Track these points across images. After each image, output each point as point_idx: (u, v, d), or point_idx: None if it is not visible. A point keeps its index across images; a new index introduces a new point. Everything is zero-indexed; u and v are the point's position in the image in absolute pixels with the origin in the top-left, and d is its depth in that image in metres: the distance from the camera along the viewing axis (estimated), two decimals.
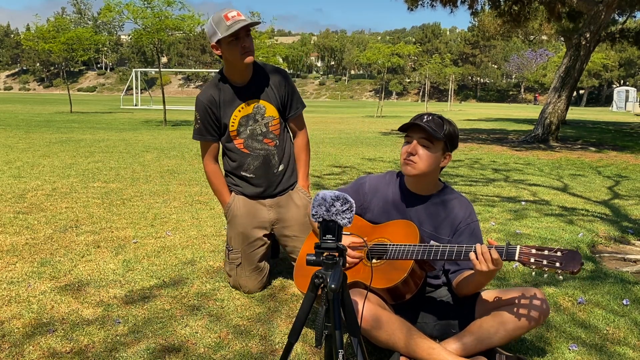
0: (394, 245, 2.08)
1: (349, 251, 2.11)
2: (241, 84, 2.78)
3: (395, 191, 2.28)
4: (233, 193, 2.95)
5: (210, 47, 2.81)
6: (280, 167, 2.90)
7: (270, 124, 2.84)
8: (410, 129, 2.14)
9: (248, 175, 2.87)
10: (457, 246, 1.99)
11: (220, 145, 2.94)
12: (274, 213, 2.91)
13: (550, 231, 4.30)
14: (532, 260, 1.85)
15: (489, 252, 1.90)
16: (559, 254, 1.83)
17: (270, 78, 2.82)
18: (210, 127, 2.82)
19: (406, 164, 2.14)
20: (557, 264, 1.81)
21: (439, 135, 2.09)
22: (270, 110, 2.82)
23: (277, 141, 2.87)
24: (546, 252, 1.85)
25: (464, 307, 2.21)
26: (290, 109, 2.90)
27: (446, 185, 2.30)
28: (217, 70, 2.89)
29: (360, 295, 1.98)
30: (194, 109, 2.93)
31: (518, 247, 1.90)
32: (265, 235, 2.93)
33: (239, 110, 2.79)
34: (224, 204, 2.95)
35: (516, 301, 2.07)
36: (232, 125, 2.80)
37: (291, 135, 3.02)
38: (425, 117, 2.13)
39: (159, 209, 4.89)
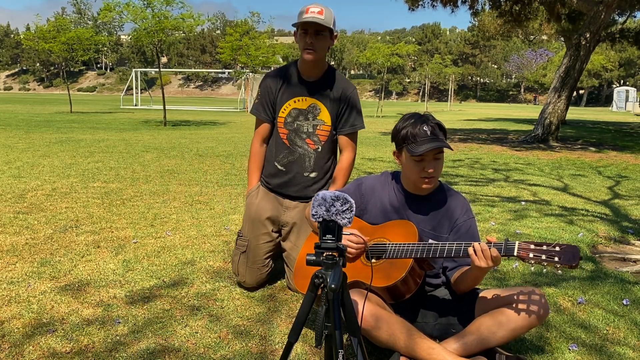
0: (392, 244, 2.08)
1: (352, 237, 2.09)
2: (308, 79, 2.79)
3: (392, 191, 2.29)
4: (259, 183, 2.96)
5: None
6: (313, 174, 2.87)
7: (318, 127, 2.82)
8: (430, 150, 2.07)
9: (279, 167, 2.87)
10: (456, 244, 1.99)
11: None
12: (288, 216, 2.90)
13: (550, 231, 4.30)
14: (531, 255, 1.86)
15: (489, 250, 1.90)
16: (557, 248, 1.84)
17: (338, 86, 2.82)
18: (266, 106, 2.86)
19: (428, 183, 2.13)
20: (556, 259, 1.82)
21: (449, 145, 2.09)
22: (323, 115, 2.82)
23: (319, 147, 2.85)
24: (545, 247, 1.86)
25: (464, 306, 2.22)
26: (345, 124, 2.85)
27: (441, 183, 2.31)
28: (216, 70, 2.91)
29: (360, 295, 1.99)
30: (194, 108, 2.94)
31: (517, 242, 1.91)
32: (274, 232, 2.93)
33: (295, 102, 2.81)
34: (249, 186, 2.98)
35: (516, 300, 2.07)
36: (283, 112, 2.82)
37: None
38: (429, 129, 2.08)
39: (159, 209, 4.89)
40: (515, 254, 1.89)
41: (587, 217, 4.86)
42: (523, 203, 5.45)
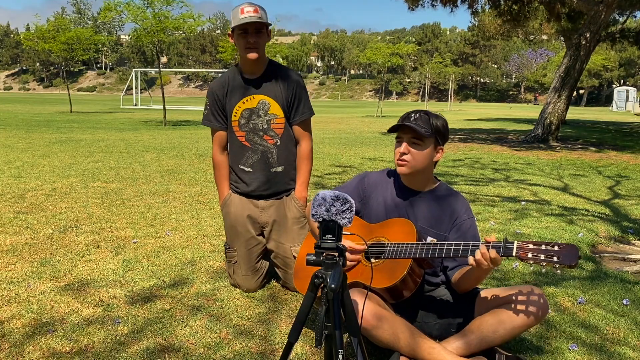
0: (392, 244, 2.08)
1: (347, 254, 2.11)
2: (251, 77, 2.81)
3: (393, 188, 2.31)
4: (230, 191, 2.96)
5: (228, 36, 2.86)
6: (279, 168, 2.89)
7: (272, 122, 2.85)
8: (399, 130, 2.17)
9: (246, 169, 2.88)
10: (455, 244, 2.00)
11: None
12: (265, 216, 2.91)
13: (550, 231, 4.29)
14: (530, 255, 1.85)
15: (487, 252, 1.90)
16: (556, 248, 1.83)
17: (282, 78, 2.84)
18: (216, 113, 2.87)
19: (400, 164, 2.18)
20: (555, 258, 1.82)
21: (427, 133, 2.12)
22: (274, 108, 2.84)
23: (278, 141, 2.87)
24: (543, 247, 1.85)
25: (464, 305, 2.22)
26: (296, 113, 2.89)
27: (441, 182, 2.33)
28: (216, 70, 2.93)
29: (361, 295, 1.99)
30: (194, 108, 2.95)
31: (515, 242, 1.90)
32: (259, 235, 2.94)
33: (244, 102, 2.82)
34: (220, 197, 2.98)
35: (515, 299, 2.07)
36: (235, 115, 2.83)
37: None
38: (412, 115, 2.17)
39: (158, 209, 4.89)
40: (514, 254, 1.88)
41: (587, 217, 4.86)
42: (523, 203, 5.45)
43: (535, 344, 2.35)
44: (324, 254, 1.52)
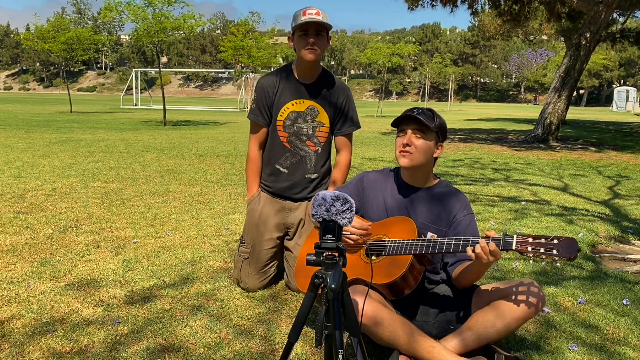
0: (392, 241, 2.09)
1: (356, 223, 2.13)
2: (304, 81, 2.81)
3: (393, 185, 2.33)
4: (259, 189, 2.96)
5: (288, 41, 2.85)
6: (314, 175, 2.90)
7: (317, 129, 2.85)
8: (403, 122, 2.21)
9: (282, 169, 2.88)
10: (455, 239, 2.01)
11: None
12: (292, 217, 2.91)
13: (550, 231, 4.30)
14: (530, 248, 1.86)
15: (487, 245, 1.91)
16: (555, 241, 1.84)
17: (334, 88, 2.86)
18: (263, 110, 2.85)
19: (402, 155, 2.20)
20: (554, 252, 1.82)
21: (431, 126, 2.15)
22: (322, 116, 2.85)
23: (319, 149, 2.88)
24: (543, 240, 1.86)
25: (463, 302, 2.23)
26: (343, 125, 2.91)
27: (441, 179, 2.35)
28: (216, 70, 2.92)
29: (361, 293, 1.99)
30: (194, 108, 2.94)
31: (515, 236, 1.91)
32: (278, 238, 2.93)
33: (293, 104, 2.82)
34: (249, 193, 2.97)
35: (511, 292, 2.09)
36: (281, 116, 2.82)
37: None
38: (415, 110, 2.20)
39: (159, 209, 4.89)
40: (513, 247, 1.89)
41: (587, 217, 4.86)
42: (523, 203, 5.45)
43: (535, 344, 2.35)
44: (324, 254, 1.52)
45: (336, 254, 1.51)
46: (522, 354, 2.26)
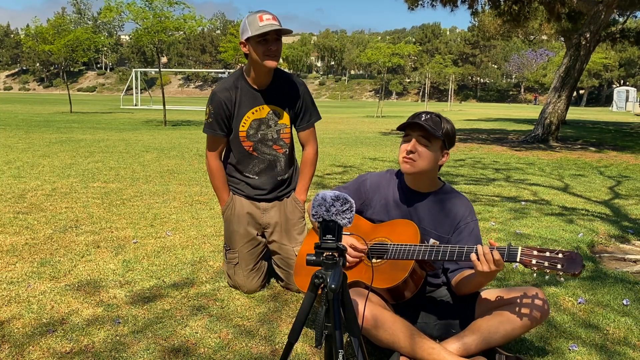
0: (394, 245, 2.08)
1: (350, 250, 2.11)
2: (259, 87, 2.78)
3: (395, 189, 2.29)
4: (231, 193, 2.95)
5: (238, 45, 2.81)
6: (286, 176, 2.92)
7: (282, 131, 2.85)
8: (409, 127, 2.15)
9: (251, 176, 2.88)
10: (458, 247, 1.99)
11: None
12: (267, 217, 2.92)
13: (550, 231, 4.29)
14: (534, 262, 1.85)
15: (491, 253, 1.89)
16: (560, 255, 1.83)
17: (288, 86, 2.83)
18: (222, 123, 2.81)
19: (405, 162, 2.15)
20: (559, 266, 1.81)
21: (437, 134, 2.10)
22: (284, 118, 2.84)
23: (287, 149, 2.89)
24: (547, 254, 1.85)
25: (464, 306, 2.21)
26: (302, 120, 2.90)
27: (445, 183, 2.31)
28: (216, 70, 2.90)
29: (361, 295, 1.98)
30: (194, 108, 2.93)
31: (519, 248, 1.89)
32: (258, 235, 2.95)
33: (253, 113, 2.79)
34: (222, 203, 2.95)
35: (517, 301, 2.07)
36: (243, 126, 2.80)
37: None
38: (423, 115, 2.15)
39: (159, 209, 4.89)
40: (517, 259, 1.88)
41: (587, 217, 4.86)
42: (523, 203, 5.45)
43: (535, 344, 2.35)
44: (324, 254, 1.52)
45: (336, 254, 1.51)
46: (522, 354, 2.26)
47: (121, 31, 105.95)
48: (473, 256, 1.92)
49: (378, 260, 2.11)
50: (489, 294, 2.19)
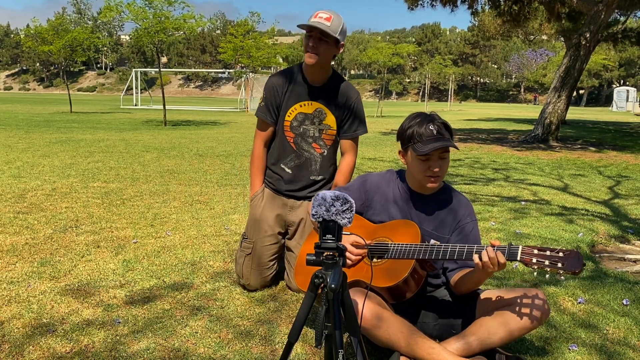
0: (395, 244, 2.08)
1: (351, 248, 2.11)
2: (313, 83, 2.80)
3: (396, 189, 2.29)
4: (264, 185, 2.96)
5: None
6: (319, 177, 2.91)
7: (324, 132, 2.86)
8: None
9: (286, 169, 2.88)
10: (459, 246, 1.99)
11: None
12: (293, 215, 2.92)
13: (550, 231, 4.30)
14: (534, 260, 1.85)
15: (496, 255, 1.89)
16: (560, 254, 1.83)
17: (343, 92, 2.84)
18: (272, 108, 2.85)
19: (433, 182, 2.14)
20: (559, 265, 1.81)
21: (454, 143, 2.10)
22: (329, 119, 2.85)
23: (325, 151, 2.89)
24: (548, 253, 1.85)
25: (465, 306, 2.21)
26: (349, 129, 2.90)
27: (446, 183, 2.31)
28: (216, 70, 2.91)
29: (361, 294, 1.98)
30: (194, 108, 2.94)
31: (520, 247, 1.90)
32: (279, 234, 2.94)
33: (301, 106, 2.81)
34: (253, 189, 2.97)
35: (517, 301, 2.07)
36: (289, 116, 2.83)
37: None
38: (434, 127, 2.09)
39: (159, 209, 4.89)
40: (518, 258, 1.88)
41: (587, 217, 4.86)
42: (523, 203, 5.45)
43: (535, 344, 2.35)
44: (324, 254, 1.52)
45: (336, 254, 1.51)
46: (522, 354, 2.26)
47: (121, 31, 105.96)
48: (476, 259, 1.92)
49: (378, 260, 2.11)
50: (490, 294, 2.19)
